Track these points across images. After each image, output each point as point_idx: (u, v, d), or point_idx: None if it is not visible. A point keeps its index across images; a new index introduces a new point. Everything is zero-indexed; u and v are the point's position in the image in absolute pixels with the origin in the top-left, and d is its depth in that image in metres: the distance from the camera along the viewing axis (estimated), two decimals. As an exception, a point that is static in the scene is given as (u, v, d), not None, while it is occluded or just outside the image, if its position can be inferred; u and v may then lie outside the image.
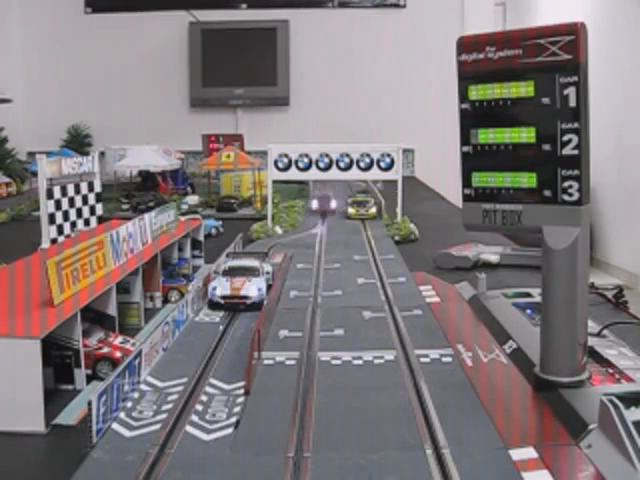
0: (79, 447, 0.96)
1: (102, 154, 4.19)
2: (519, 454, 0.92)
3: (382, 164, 2.90)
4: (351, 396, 1.14)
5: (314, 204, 3.39)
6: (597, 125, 1.71)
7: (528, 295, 1.64)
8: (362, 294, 1.80)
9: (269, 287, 1.74)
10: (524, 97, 1.08)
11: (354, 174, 2.91)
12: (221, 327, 1.51)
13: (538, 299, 1.45)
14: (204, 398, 1.13)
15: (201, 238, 2.21)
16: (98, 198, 2.63)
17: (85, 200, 2.56)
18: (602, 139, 5.67)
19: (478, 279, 1.70)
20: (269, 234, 2.71)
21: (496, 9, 7.10)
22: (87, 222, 2.56)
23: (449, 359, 1.31)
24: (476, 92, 1.13)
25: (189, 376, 1.22)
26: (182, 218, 2.19)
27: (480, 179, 1.17)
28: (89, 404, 0.96)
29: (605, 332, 1.37)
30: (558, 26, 1.03)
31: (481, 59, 1.12)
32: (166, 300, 1.80)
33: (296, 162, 2.88)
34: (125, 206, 3.62)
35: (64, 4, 6.10)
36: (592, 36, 1.03)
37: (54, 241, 2.35)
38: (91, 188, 2.59)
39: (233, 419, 1.05)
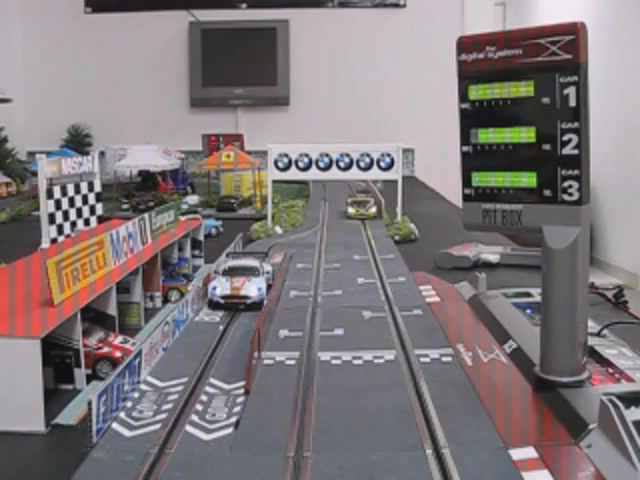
0: (79, 447, 0.96)
1: (102, 154, 4.20)
2: (519, 454, 0.92)
3: (382, 164, 2.89)
4: (351, 396, 1.14)
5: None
6: (597, 125, 1.71)
7: (528, 295, 1.64)
8: (362, 294, 1.80)
9: (269, 287, 1.74)
10: (524, 97, 1.08)
11: (354, 174, 2.91)
12: (221, 327, 1.51)
13: (538, 299, 1.44)
14: (204, 398, 1.13)
15: (201, 238, 2.21)
16: (98, 198, 2.63)
17: (85, 200, 2.56)
18: (602, 139, 5.67)
19: (478, 279, 1.70)
20: (269, 234, 2.71)
21: (496, 9, 7.11)
22: (87, 222, 2.56)
23: (449, 359, 1.31)
24: (476, 92, 1.13)
25: (189, 376, 1.22)
26: (182, 218, 2.19)
27: (480, 179, 1.16)
28: (89, 404, 0.96)
29: (605, 332, 1.37)
30: (558, 26, 1.03)
31: (481, 59, 1.12)
32: (166, 300, 1.80)
33: (296, 162, 2.87)
34: (125, 206, 3.62)
35: (64, 4, 6.10)
36: (592, 36, 1.03)
37: (54, 241, 2.35)
38: (91, 188, 2.59)
39: (233, 419, 1.05)
